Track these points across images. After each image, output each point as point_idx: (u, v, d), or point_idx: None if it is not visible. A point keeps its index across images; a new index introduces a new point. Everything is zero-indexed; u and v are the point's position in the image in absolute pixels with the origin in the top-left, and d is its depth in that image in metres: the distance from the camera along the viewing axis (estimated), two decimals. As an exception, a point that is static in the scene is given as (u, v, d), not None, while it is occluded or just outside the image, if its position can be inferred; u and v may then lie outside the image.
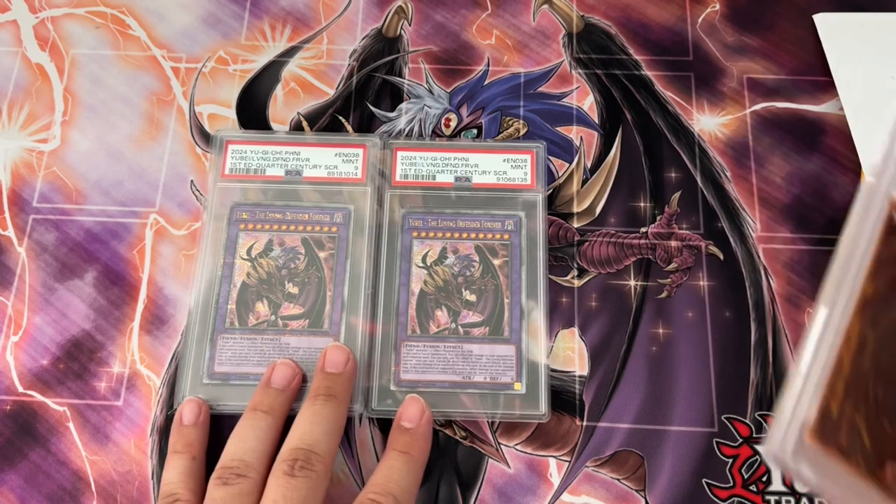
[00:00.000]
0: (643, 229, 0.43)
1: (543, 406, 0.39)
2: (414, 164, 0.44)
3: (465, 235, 0.43)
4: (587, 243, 0.43)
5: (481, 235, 0.43)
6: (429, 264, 0.42)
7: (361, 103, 0.47)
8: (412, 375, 0.40)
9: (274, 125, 0.46)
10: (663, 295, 0.42)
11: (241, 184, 0.44)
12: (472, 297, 0.41)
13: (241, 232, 0.43)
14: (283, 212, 0.43)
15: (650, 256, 0.43)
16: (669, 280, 0.42)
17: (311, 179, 0.44)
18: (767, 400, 0.40)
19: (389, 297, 0.41)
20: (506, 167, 0.44)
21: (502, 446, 0.39)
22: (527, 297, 0.41)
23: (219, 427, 0.39)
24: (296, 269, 0.42)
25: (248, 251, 0.42)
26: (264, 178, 0.44)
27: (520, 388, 0.39)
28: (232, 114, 0.47)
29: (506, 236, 0.43)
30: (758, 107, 0.46)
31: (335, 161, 0.44)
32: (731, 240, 0.43)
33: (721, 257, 0.43)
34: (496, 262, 0.42)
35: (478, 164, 0.44)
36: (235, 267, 0.42)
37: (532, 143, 0.45)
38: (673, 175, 0.45)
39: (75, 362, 0.41)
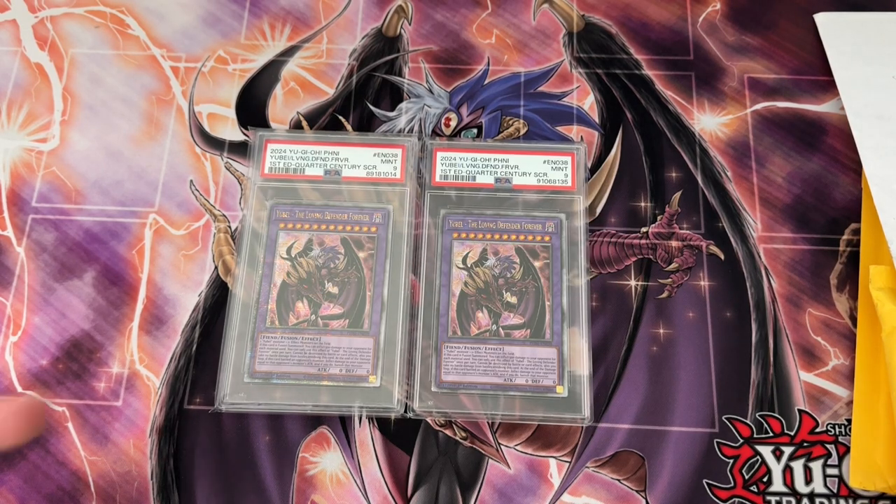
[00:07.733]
0: (644, 229, 0.43)
1: (586, 409, 0.39)
2: (454, 164, 0.44)
3: (505, 237, 0.42)
4: (588, 243, 0.43)
5: (521, 237, 0.42)
6: (469, 265, 0.42)
7: (361, 103, 0.47)
8: (453, 377, 0.40)
9: (273, 125, 0.46)
10: (664, 295, 0.42)
11: (279, 183, 0.43)
12: (513, 299, 0.41)
13: (281, 231, 0.43)
14: (322, 211, 0.43)
15: (651, 256, 0.43)
16: (670, 280, 0.42)
17: (351, 179, 0.44)
18: (768, 400, 0.39)
19: (430, 298, 0.41)
20: (546, 168, 0.43)
21: (502, 447, 0.39)
22: (567, 299, 0.41)
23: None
24: (335, 269, 0.42)
25: (288, 250, 0.42)
26: (304, 177, 0.44)
27: (562, 391, 0.39)
28: (231, 113, 0.47)
29: (546, 238, 0.42)
30: (759, 106, 0.46)
31: (374, 161, 0.44)
32: (732, 240, 0.43)
33: (722, 257, 0.43)
34: (537, 263, 0.42)
35: (518, 166, 0.43)
36: (275, 266, 0.42)
37: (573, 145, 0.44)
38: (673, 175, 0.45)
39: (74, 362, 0.41)
